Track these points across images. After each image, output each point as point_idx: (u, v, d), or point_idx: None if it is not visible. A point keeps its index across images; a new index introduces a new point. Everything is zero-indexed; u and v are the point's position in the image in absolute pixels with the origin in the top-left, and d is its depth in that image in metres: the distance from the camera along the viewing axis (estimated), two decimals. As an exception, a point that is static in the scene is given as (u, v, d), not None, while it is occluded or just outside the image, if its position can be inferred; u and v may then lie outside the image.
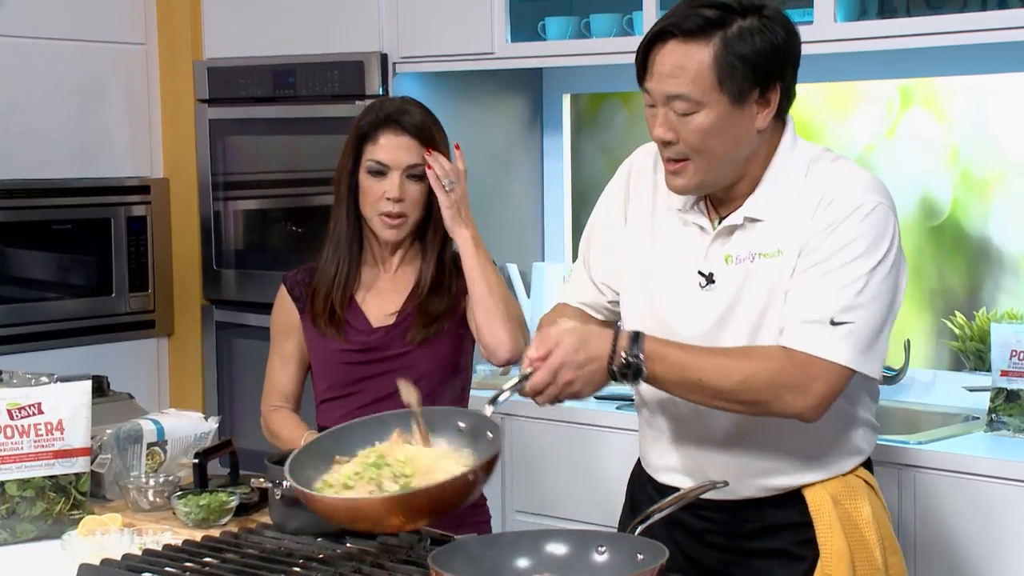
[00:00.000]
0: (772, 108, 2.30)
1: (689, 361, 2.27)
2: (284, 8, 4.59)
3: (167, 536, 2.54)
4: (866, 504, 2.42)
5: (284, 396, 3.09)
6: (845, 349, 2.26)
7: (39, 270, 4.67)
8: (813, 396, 2.26)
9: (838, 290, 2.26)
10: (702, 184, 2.34)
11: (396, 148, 2.91)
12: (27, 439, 2.66)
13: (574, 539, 2.18)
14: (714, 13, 2.25)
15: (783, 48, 2.30)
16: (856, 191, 2.32)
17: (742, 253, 2.35)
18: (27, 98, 4.58)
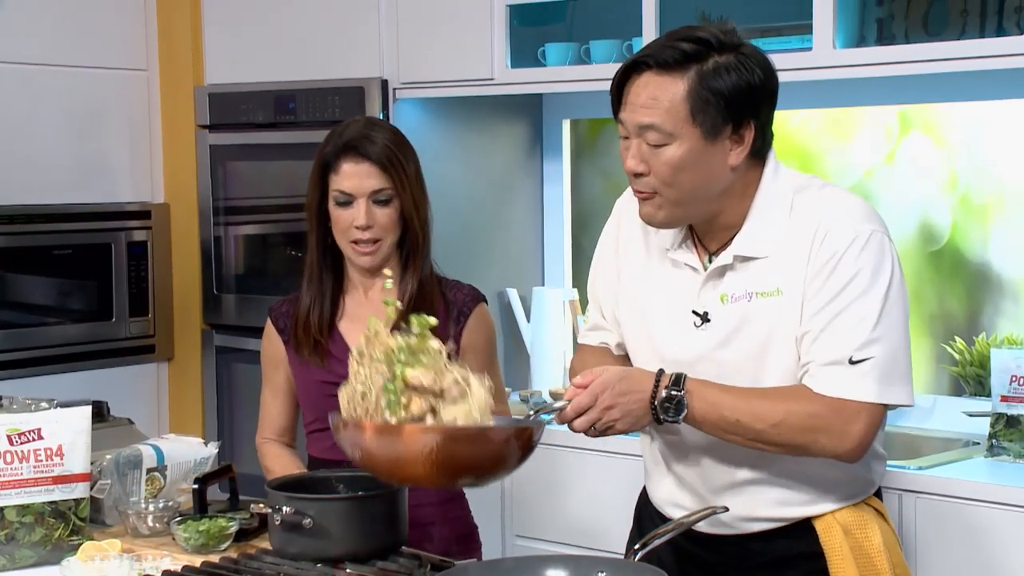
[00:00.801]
0: (746, 146, 2.29)
1: (728, 401, 2.28)
2: (285, 34, 4.60)
3: (166, 562, 2.53)
4: (877, 532, 2.41)
5: (276, 429, 3.08)
6: (870, 385, 2.26)
7: (40, 295, 4.67)
8: (851, 439, 2.28)
9: (852, 328, 2.26)
10: (671, 217, 2.34)
11: (358, 176, 2.88)
12: (27, 465, 2.66)
13: (574, 564, 2.18)
14: (691, 47, 2.25)
15: (759, 87, 2.28)
16: (849, 222, 2.31)
17: (738, 292, 2.34)
18: (29, 123, 4.59)
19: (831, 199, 2.36)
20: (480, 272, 4.45)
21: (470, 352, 2.99)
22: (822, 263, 2.29)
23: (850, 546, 2.38)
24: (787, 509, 2.41)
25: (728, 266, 2.36)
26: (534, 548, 3.72)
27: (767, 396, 2.29)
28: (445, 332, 2.95)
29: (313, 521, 2.48)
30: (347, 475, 2.71)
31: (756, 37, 3.77)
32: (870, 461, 2.43)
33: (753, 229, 2.34)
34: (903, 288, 2.34)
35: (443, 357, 2.24)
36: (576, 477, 3.81)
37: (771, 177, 2.36)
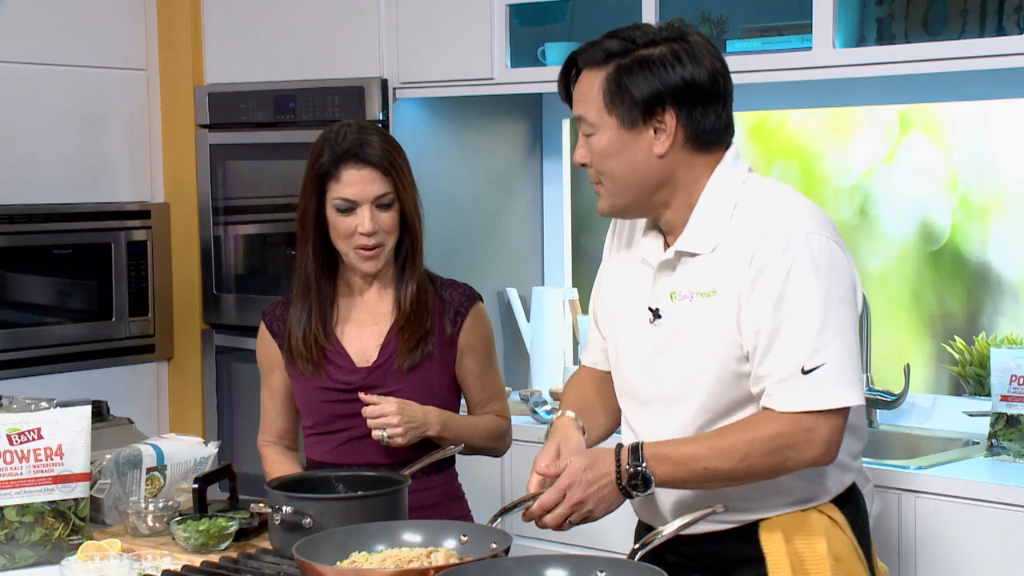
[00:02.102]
0: (670, 135, 2.33)
1: (689, 453, 2.31)
2: (285, 34, 4.60)
3: (166, 561, 2.54)
4: (822, 542, 2.40)
5: (276, 431, 3.08)
6: (825, 392, 2.28)
7: (39, 295, 4.67)
8: (818, 445, 2.29)
9: (798, 338, 2.27)
10: (615, 207, 2.42)
11: (361, 182, 2.87)
12: (26, 464, 2.66)
13: (574, 564, 2.17)
14: (616, 44, 2.36)
15: (685, 77, 2.33)
16: (783, 226, 2.32)
17: (684, 290, 2.38)
18: (28, 123, 4.59)
19: (772, 201, 2.38)
20: (480, 272, 4.46)
21: (468, 352, 2.99)
22: (758, 270, 2.29)
23: (788, 553, 2.38)
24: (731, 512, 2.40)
25: (675, 262, 2.40)
26: (534, 548, 3.71)
27: (724, 435, 2.32)
28: (442, 332, 2.96)
29: (313, 521, 2.49)
30: (347, 475, 2.74)
31: (756, 36, 3.78)
32: (827, 468, 2.42)
33: (695, 225, 2.38)
34: (847, 287, 2.33)
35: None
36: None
37: (723, 174, 2.39)
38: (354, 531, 2.38)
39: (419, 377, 2.92)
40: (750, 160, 4.16)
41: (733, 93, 2.42)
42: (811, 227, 2.33)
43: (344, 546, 2.33)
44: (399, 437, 2.82)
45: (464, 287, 3.03)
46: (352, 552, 2.32)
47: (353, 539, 2.35)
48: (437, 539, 2.36)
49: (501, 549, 2.26)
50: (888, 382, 3.87)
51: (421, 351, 2.92)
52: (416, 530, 2.39)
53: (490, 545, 2.29)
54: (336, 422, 2.94)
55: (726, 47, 3.84)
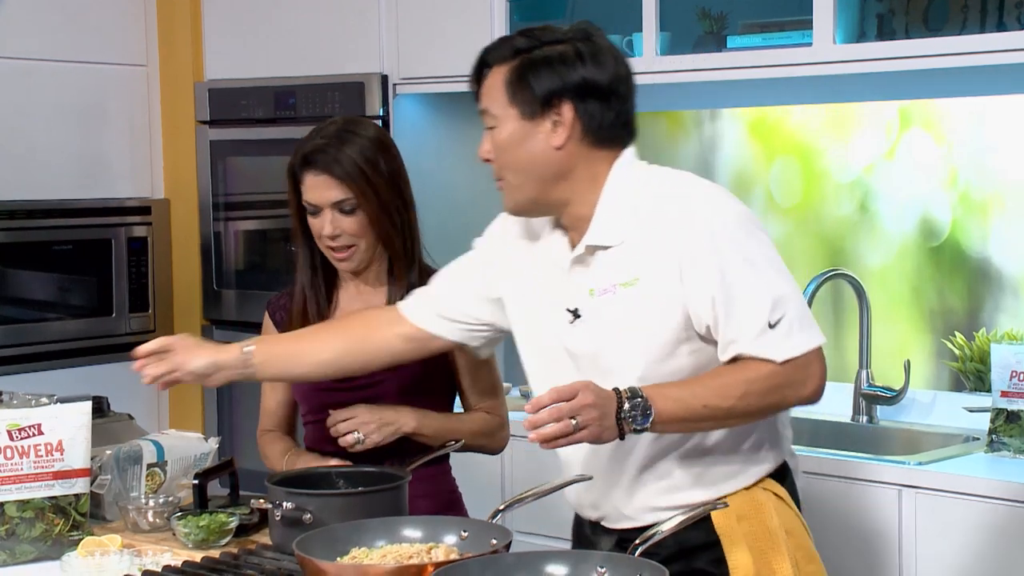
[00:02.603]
0: (567, 127, 2.40)
1: (689, 392, 2.33)
2: (285, 30, 4.60)
3: (167, 557, 2.54)
4: (773, 516, 2.45)
5: (275, 420, 3.10)
6: (799, 336, 2.34)
7: (40, 290, 4.68)
8: (813, 383, 2.36)
9: (755, 297, 2.33)
10: (517, 203, 2.48)
11: (318, 188, 2.88)
12: (27, 460, 2.66)
13: (574, 560, 2.17)
14: (524, 42, 2.44)
15: (585, 75, 2.40)
16: (699, 202, 2.40)
17: (604, 284, 2.41)
18: (29, 119, 4.60)
19: (681, 183, 2.45)
20: (480, 268, 4.46)
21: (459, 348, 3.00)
22: (690, 248, 2.35)
23: (743, 532, 2.42)
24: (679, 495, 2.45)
25: (587, 258, 2.44)
26: (535, 544, 3.72)
27: (722, 374, 2.35)
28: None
29: (313, 516, 2.49)
30: (347, 471, 2.74)
31: (756, 32, 3.79)
32: (761, 437, 2.48)
33: (603, 217, 2.43)
34: (768, 238, 2.42)
35: None
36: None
37: (623, 168, 2.45)
38: (354, 527, 2.38)
39: (401, 375, 2.92)
40: (750, 157, 4.19)
41: (635, 95, 2.48)
42: (721, 196, 2.43)
43: (344, 542, 2.33)
44: (374, 434, 2.85)
45: None
46: (352, 548, 2.32)
47: (353, 535, 2.35)
48: (437, 535, 2.36)
49: (501, 545, 2.26)
50: (888, 378, 3.88)
51: None
52: (416, 526, 2.39)
53: (490, 541, 2.29)
54: (324, 410, 2.96)
55: (727, 43, 3.86)
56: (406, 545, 2.33)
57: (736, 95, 4.16)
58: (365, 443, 2.85)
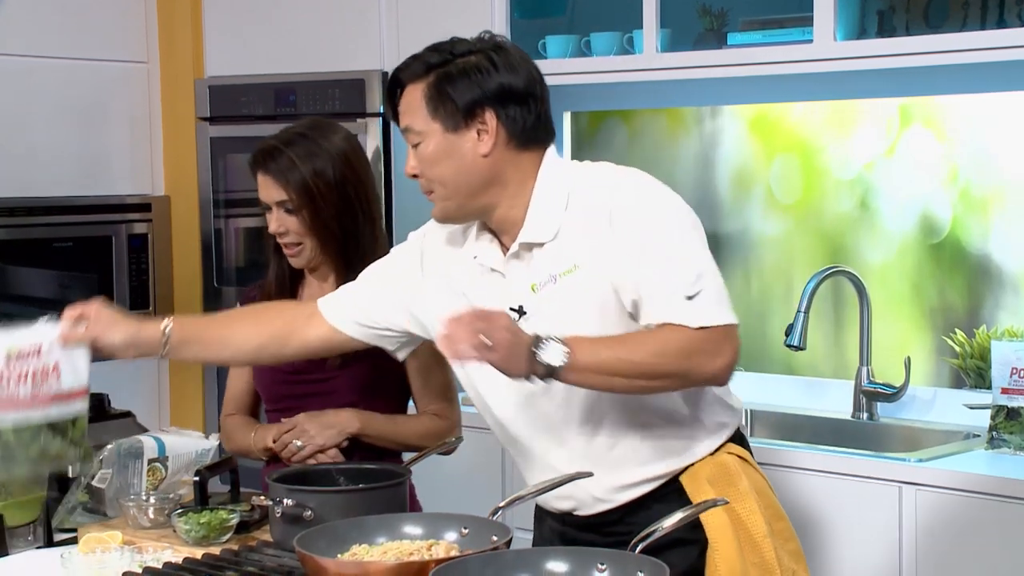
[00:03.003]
0: (492, 134, 2.45)
1: (605, 344, 2.36)
2: (285, 27, 4.61)
3: (167, 554, 2.54)
4: (742, 478, 2.50)
5: (238, 405, 3.22)
6: (714, 310, 2.36)
7: (40, 287, 4.68)
8: (725, 355, 2.36)
9: (674, 273, 2.36)
10: (448, 212, 2.52)
11: (265, 187, 3.00)
12: (23, 385, 2.62)
13: (575, 557, 2.17)
14: (436, 57, 2.48)
15: (502, 82, 2.45)
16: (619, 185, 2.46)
17: (543, 278, 2.46)
18: (29, 116, 4.61)
19: (603, 172, 2.51)
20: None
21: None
22: (623, 232, 2.40)
23: (716, 495, 2.45)
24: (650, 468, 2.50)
25: (526, 254, 2.48)
26: (535, 540, 3.73)
27: (639, 335, 2.39)
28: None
29: (314, 513, 2.50)
30: (347, 468, 2.75)
31: (757, 29, 3.79)
32: (713, 402, 2.53)
33: (535, 215, 2.48)
34: (691, 215, 2.45)
35: None
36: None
37: (549, 167, 2.50)
38: (355, 524, 2.38)
39: (352, 373, 3.02)
40: (750, 154, 4.19)
41: (549, 96, 2.52)
42: (645, 181, 2.47)
43: (345, 539, 2.33)
44: (316, 438, 2.96)
45: None
46: (353, 544, 2.32)
47: (354, 532, 2.35)
48: (438, 532, 2.37)
49: (502, 542, 2.26)
50: (889, 375, 3.89)
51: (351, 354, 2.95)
52: (417, 523, 2.40)
53: (491, 538, 2.29)
54: (283, 401, 3.08)
55: (727, 40, 3.87)
56: (407, 542, 2.33)
57: (736, 92, 4.17)
58: (306, 449, 2.96)
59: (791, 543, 2.58)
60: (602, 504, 2.54)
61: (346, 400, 3.02)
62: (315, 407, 3.01)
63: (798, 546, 2.61)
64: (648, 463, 2.51)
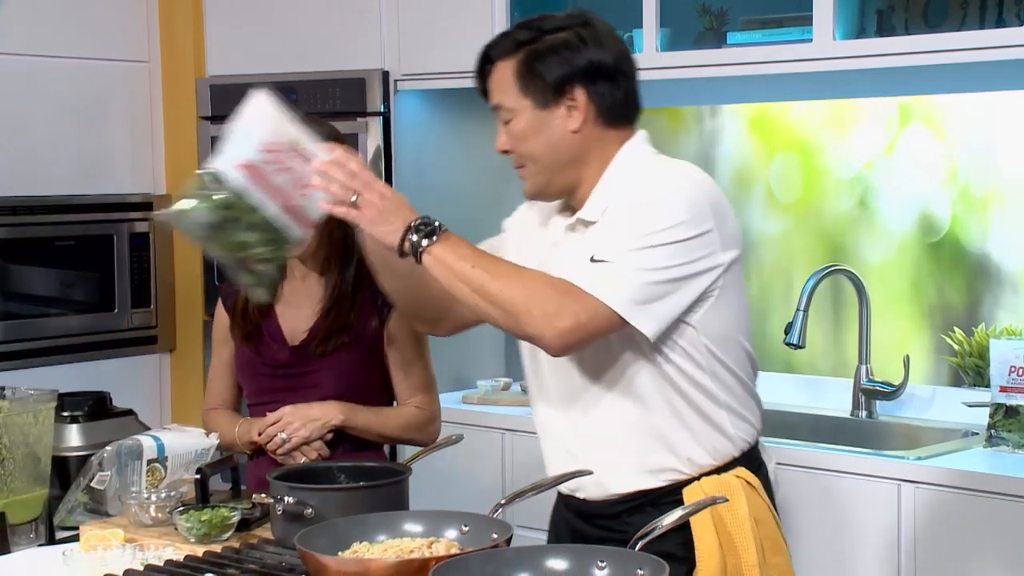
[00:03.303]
0: (583, 111, 2.48)
1: (470, 252, 2.40)
2: (286, 26, 4.61)
3: (169, 551, 2.55)
4: (743, 504, 2.48)
5: (222, 400, 3.24)
6: (602, 286, 2.35)
7: (42, 286, 4.68)
8: (560, 323, 2.34)
9: (607, 241, 2.39)
10: (538, 187, 2.55)
11: None
12: (280, 175, 2.47)
13: (575, 554, 2.18)
14: (526, 34, 2.50)
15: (591, 58, 2.48)
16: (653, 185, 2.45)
17: (586, 255, 2.47)
18: (31, 115, 4.60)
19: (658, 169, 2.51)
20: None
21: (393, 342, 3.11)
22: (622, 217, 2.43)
23: (712, 516, 2.45)
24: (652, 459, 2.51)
25: (583, 229, 2.51)
26: (536, 539, 3.73)
27: (508, 264, 2.42)
28: (367, 323, 3.08)
29: (314, 511, 2.50)
30: (348, 466, 2.76)
31: (756, 28, 3.80)
32: (723, 412, 2.51)
33: (596, 195, 2.51)
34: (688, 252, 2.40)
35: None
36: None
37: (629, 151, 2.53)
38: (356, 521, 2.39)
39: (337, 362, 3.06)
40: (750, 153, 4.20)
41: (637, 73, 2.55)
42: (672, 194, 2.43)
43: (346, 536, 2.34)
44: (300, 431, 2.99)
45: None
46: (353, 542, 2.33)
47: (355, 529, 2.36)
48: (438, 529, 2.38)
49: (502, 540, 2.27)
50: (888, 373, 3.89)
51: (336, 340, 3.05)
52: (417, 520, 2.41)
53: (491, 536, 2.30)
54: (267, 394, 3.11)
55: (727, 39, 3.87)
56: (407, 539, 2.34)
57: (736, 91, 4.18)
58: (292, 441, 3.00)
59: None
60: (602, 490, 2.55)
61: (329, 393, 3.06)
62: (298, 400, 3.05)
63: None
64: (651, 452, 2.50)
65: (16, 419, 2.78)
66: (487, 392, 4.22)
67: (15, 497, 2.77)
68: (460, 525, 2.38)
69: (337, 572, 2.18)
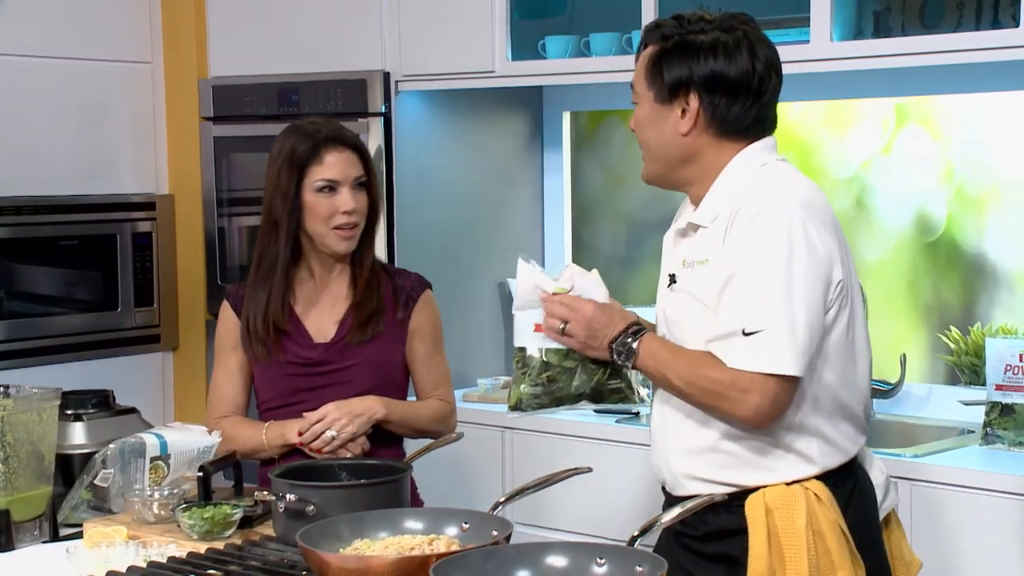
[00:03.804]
0: (692, 116, 2.52)
1: (663, 357, 2.51)
2: (288, 27, 4.61)
3: (172, 548, 2.56)
4: (801, 516, 2.46)
5: (234, 406, 3.14)
6: (759, 357, 2.39)
7: (46, 285, 4.67)
8: (749, 407, 2.42)
9: (747, 302, 2.41)
10: (650, 175, 2.63)
11: (342, 163, 3.01)
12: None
13: (574, 551, 2.19)
14: (672, 28, 2.54)
15: (714, 68, 2.50)
16: (759, 202, 2.46)
17: (690, 258, 2.55)
18: (36, 116, 4.60)
19: (773, 180, 2.52)
20: (481, 262, 4.49)
21: (418, 335, 3.11)
22: (732, 237, 2.46)
23: (768, 524, 2.47)
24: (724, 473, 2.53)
25: (689, 232, 2.57)
26: (535, 535, 3.75)
27: (691, 359, 2.49)
28: (394, 315, 3.07)
29: (316, 508, 2.52)
30: (349, 463, 2.76)
31: (754, 30, 3.80)
32: (804, 436, 2.51)
33: (707, 201, 2.55)
34: (809, 268, 2.43)
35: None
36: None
37: (746, 157, 2.54)
38: (357, 518, 2.40)
39: (372, 353, 3.04)
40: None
41: (778, 92, 2.55)
42: (787, 205, 2.45)
43: (347, 533, 2.35)
44: (348, 427, 2.95)
45: (415, 275, 3.17)
46: (355, 539, 2.34)
47: (356, 526, 2.37)
48: (439, 527, 2.39)
49: (502, 537, 2.28)
50: (885, 372, 3.90)
51: (372, 328, 3.04)
52: (418, 518, 2.42)
53: (491, 533, 2.31)
54: (296, 395, 3.05)
55: (725, 40, 3.87)
56: (408, 536, 2.35)
57: (734, 91, 4.17)
58: (340, 437, 2.95)
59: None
60: (679, 487, 2.59)
61: (366, 387, 3.03)
62: (331, 398, 3.00)
63: None
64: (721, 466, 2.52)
65: (20, 417, 2.79)
66: (487, 390, 4.23)
67: (19, 494, 2.78)
68: (460, 522, 2.39)
69: (338, 569, 2.19)
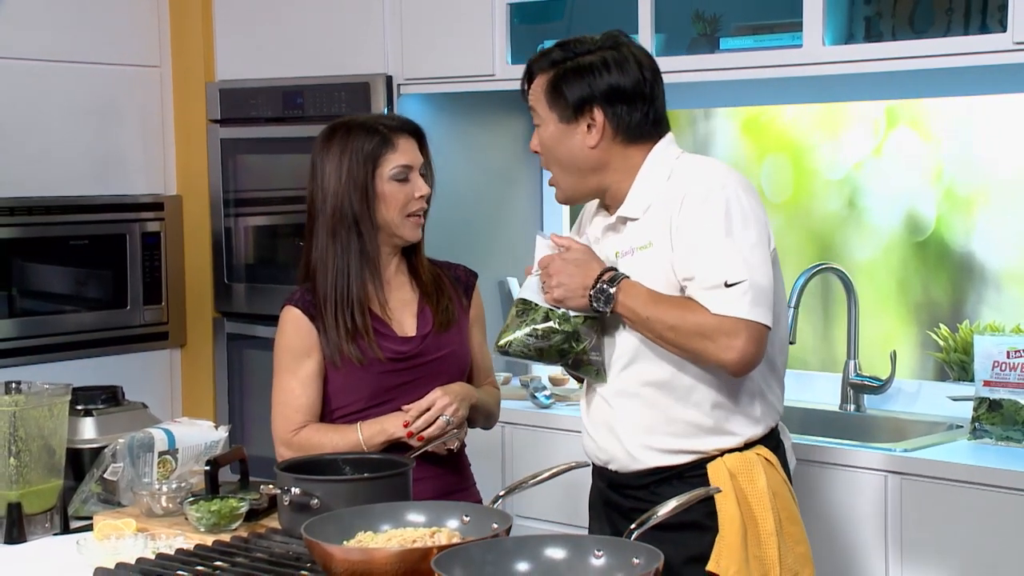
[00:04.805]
0: (599, 129, 2.68)
1: (643, 300, 2.62)
2: (293, 32, 4.62)
3: (179, 540, 2.59)
4: (761, 477, 2.67)
5: (312, 415, 2.98)
6: (745, 304, 2.55)
7: (57, 284, 4.68)
8: (735, 350, 2.56)
9: (723, 257, 2.57)
10: (565, 193, 2.78)
11: (412, 150, 3.02)
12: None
13: (572, 544, 2.19)
14: (560, 54, 2.72)
15: (611, 82, 2.67)
16: (707, 181, 2.64)
17: (624, 248, 2.70)
18: (47, 118, 4.61)
19: (697, 166, 2.70)
20: (482, 261, 4.48)
21: (476, 324, 3.13)
22: (687, 213, 2.61)
23: (734, 488, 2.65)
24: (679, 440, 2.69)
25: (618, 227, 2.72)
26: (535, 528, 3.77)
27: (671, 302, 2.62)
28: (460, 304, 3.10)
29: (320, 502, 2.52)
30: (353, 458, 2.75)
31: (748, 34, 3.79)
32: (756, 398, 2.70)
33: (635, 194, 2.70)
34: (762, 235, 2.63)
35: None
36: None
37: (658, 153, 2.71)
38: (360, 512, 2.40)
39: (454, 342, 3.05)
40: (743, 155, 4.23)
41: (664, 94, 2.72)
42: (728, 183, 2.64)
43: (350, 526, 2.35)
44: (460, 411, 2.95)
45: (463, 267, 3.19)
46: (358, 532, 2.35)
47: (359, 519, 2.37)
48: (440, 520, 2.40)
49: (502, 529, 2.29)
50: (875, 368, 3.92)
51: (451, 312, 3.05)
52: (420, 511, 2.42)
53: (491, 525, 2.31)
54: (387, 393, 2.97)
55: (720, 44, 3.87)
56: (410, 529, 2.36)
57: (729, 95, 4.19)
58: (454, 421, 2.94)
59: (801, 546, 2.74)
60: (633, 463, 2.72)
61: (456, 374, 3.03)
62: (422, 392, 2.94)
63: (807, 550, 2.76)
64: (679, 435, 2.68)
65: (32, 412, 2.80)
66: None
67: (31, 488, 2.80)
68: (461, 515, 2.40)
69: (342, 561, 2.19)
